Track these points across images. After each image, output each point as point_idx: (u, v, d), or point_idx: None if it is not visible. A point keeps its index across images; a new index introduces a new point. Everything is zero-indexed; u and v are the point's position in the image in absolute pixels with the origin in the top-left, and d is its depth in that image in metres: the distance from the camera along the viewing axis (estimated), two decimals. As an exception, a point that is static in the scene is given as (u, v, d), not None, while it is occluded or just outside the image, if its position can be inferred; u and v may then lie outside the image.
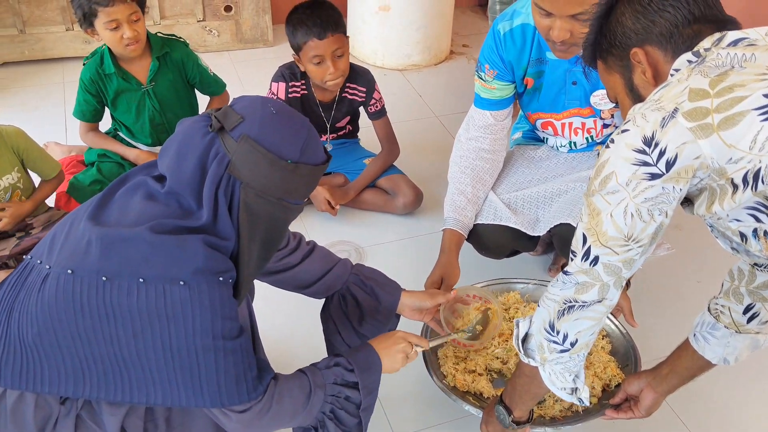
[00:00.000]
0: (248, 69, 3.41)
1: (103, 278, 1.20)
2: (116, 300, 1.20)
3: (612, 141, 1.10)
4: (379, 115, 2.46)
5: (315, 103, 2.41)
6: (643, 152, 1.05)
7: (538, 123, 2.07)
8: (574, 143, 2.06)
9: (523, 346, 1.39)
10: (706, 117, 1.00)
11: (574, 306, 1.23)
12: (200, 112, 2.38)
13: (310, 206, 2.46)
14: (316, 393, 1.38)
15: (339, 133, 2.55)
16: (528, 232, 1.94)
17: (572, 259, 1.21)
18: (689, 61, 1.10)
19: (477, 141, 2.03)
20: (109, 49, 2.32)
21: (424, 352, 1.72)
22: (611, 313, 1.84)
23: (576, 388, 1.36)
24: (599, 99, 1.94)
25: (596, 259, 1.17)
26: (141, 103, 2.40)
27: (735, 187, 1.02)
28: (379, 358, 1.48)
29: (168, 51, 2.41)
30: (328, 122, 2.46)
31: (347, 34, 2.31)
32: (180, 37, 2.48)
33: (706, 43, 1.11)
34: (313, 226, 2.43)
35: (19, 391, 1.28)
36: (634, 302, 1.86)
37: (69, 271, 1.21)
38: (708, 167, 1.03)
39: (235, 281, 1.30)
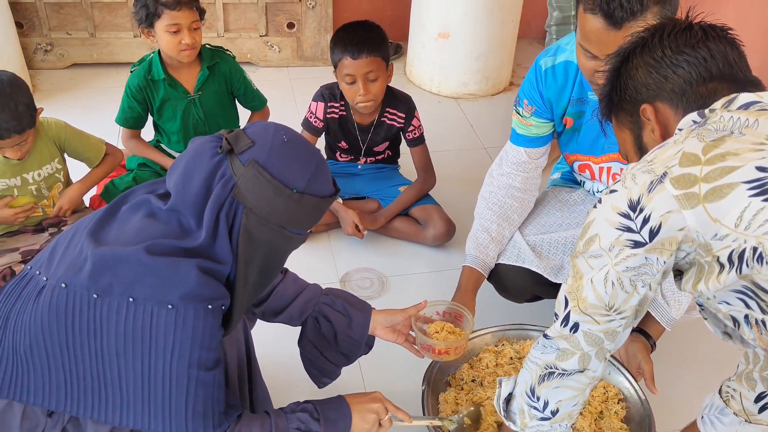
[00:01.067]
0: (305, 86, 3.41)
1: (95, 295, 1.19)
2: (105, 317, 1.19)
3: (600, 201, 1.03)
4: (416, 142, 2.41)
5: (353, 124, 2.39)
6: (628, 217, 0.98)
7: (576, 165, 1.97)
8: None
9: (506, 407, 1.31)
10: (693, 186, 0.92)
11: (554, 373, 1.15)
12: (240, 126, 2.40)
13: (338, 229, 2.43)
14: None
15: (377, 157, 2.51)
16: (550, 278, 1.85)
17: (554, 322, 1.13)
18: (694, 122, 1.02)
19: (509, 177, 1.95)
20: (159, 56, 2.37)
21: (422, 390, 1.66)
22: (632, 376, 1.72)
23: None
24: None
25: (576, 326, 1.09)
26: (186, 111, 2.43)
27: (721, 266, 0.94)
28: (350, 412, 1.41)
29: (217, 62, 2.44)
30: (363, 145, 2.43)
31: (388, 60, 2.27)
32: (228, 50, 2.51)
33: (718, 104, 1.02)
34: (340, 250, 2.39)
35: (7, 399, 1.29)
36: (657, 366, 1.74)
37: (63, 285, 1.21)
38: (693, 241, 0.95)
39: (228, 308, 1.27)
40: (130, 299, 1.17)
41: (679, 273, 1.05)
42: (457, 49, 3.27)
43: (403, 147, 2.54)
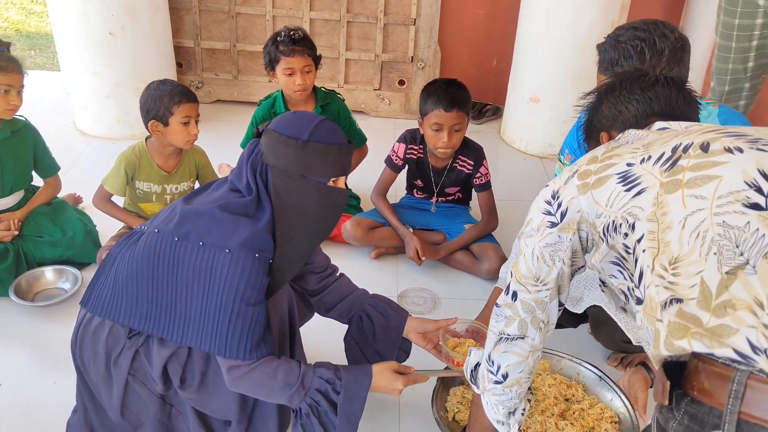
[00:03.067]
0: (407, 136, 3.85)
1: (176, 238, 1.61)
2: (181, 256, 1.60)
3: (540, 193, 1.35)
4: (483, 188, 2.74)
5: (428, 166, 2.76)
6: (550, 203, 1.28)
7: None
8: None
9: (474, 374, 1.56)
10: (588, 177, 1.22)
11: (502, 338, 1.40)
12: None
13: (402, 254, 2.79)
14: (299, 391, 1.64)
15: (448, 198, 2.86)
16: (567, 307, 2.09)
17: (503, 292, 1.41)
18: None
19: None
20: (282, 94, 2.86)
21: (435, 387, 1.93)
22: (630, 403, 1.93)
23: (505, 423, 1.50)
24: None
25: (515, 295, 1.36)
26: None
27: (601, 240, 1.22)
28: (367, 390, 1.69)
29: (329, 102, 2.90)
30: (436, 186, 2.79)
31: (469, 115, 2.61)
32: (339, 93, 2.97)
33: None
34: (402, 271, 2.75)
35: (101, 318, 1.72)
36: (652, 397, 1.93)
37: (156, 231, 1.65)
38: (587, 221, 1.23)
39: (272, 260, 1.61)
40: (201, 243, 1.58)
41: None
42: (546, 112, 3.59)
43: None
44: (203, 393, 1.73)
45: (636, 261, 1.14)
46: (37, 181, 2.78)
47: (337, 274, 2.02)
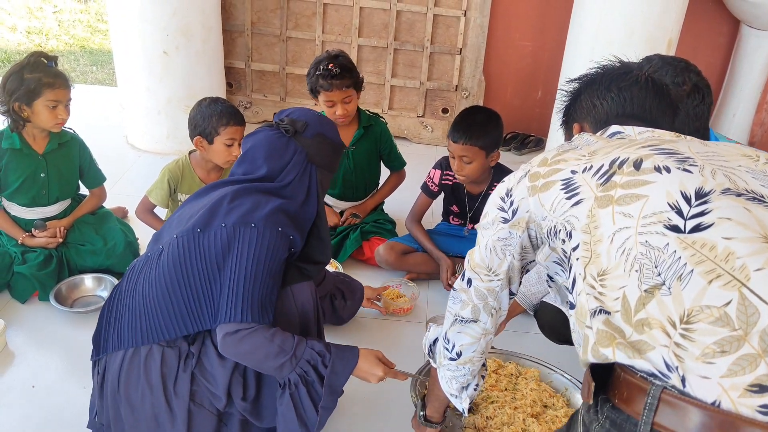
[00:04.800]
0: (449, 163, 3.87)
1: (198, 230, 1.68)
2: (206, 243, 1.67)
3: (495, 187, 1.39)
4: (517, 216, 2.73)
5: (463, 192, 2.76)
6: (503, 200, 1.32)
7: None
8: None
9: (431, 348, 1.65)
10: (537, 180, 1.25)
11: (457, 320, 1.47)
12: (379, 184, 2.90)
13: (433, 280, 2.79)
14: (291, 359, 1.69)
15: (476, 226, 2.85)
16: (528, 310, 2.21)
17: (459, 277, 1.47)
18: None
19: None
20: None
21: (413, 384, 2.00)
22: None
23: (458, 397, 1.59)
24: None
25: (470, 281, 1.42)
26: (341, 161, 2.93)
27: (546, 241, 1.27)
28: (352, 368, 1.77)
29: (372, 124, 2.95)
30: (470, 212, 2.79)
31: (489, 148, 2.56)
32: (382, 117, 3.01)
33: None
34: (432, 298, 2.74)
35: (148, 345, 1.73)
36: None
37: (175, 236, 1.71)
38: (535, 222, 1.27)
39: (300, 244, 1.78)
40: (222, 225, 1.66)
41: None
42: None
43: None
44: (257, 402, 1.80)
45: (570, 268, 1.18)
46: (84, 190, 2.88)
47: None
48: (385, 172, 3.12)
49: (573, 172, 1.21)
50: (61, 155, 2.67)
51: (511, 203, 1.31)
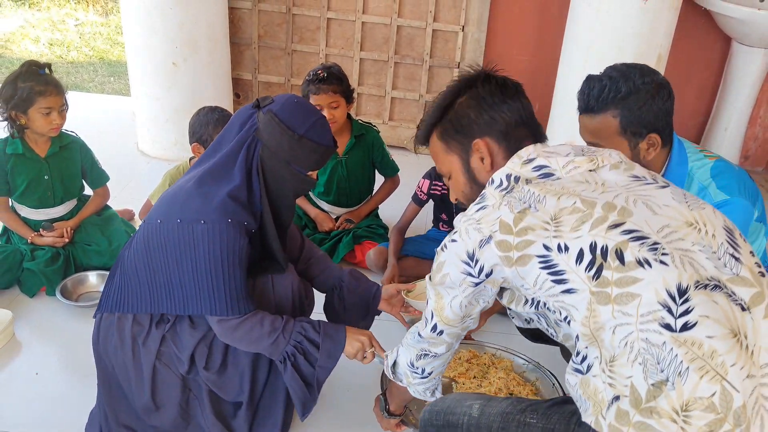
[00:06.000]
0: (446, 173, 3.98)
1: (159, 221, 1.79)
2: (165, 236, 1.77)
3: (445, 246, 1.45)
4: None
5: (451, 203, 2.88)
6: (468, 264, 1.40)
7: None
8: None
9: (392, 370, 1.78)
10: (510, 251, 1.34)
11: (428, 354, 1.60)
12: (373, 191, 3.00)
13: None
14: (282, 335, 1.83)
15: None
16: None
17: (424, 326, 1.57)
18: (502, 182, 1.41)
19: None
20: None
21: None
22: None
23: (432, 397, 1.74)
24: None
25: (442, 332, 1.53)
26: (333, 169, 3.04)
27: (526, 301, 1.40)
28: (345, 335, 1.90)
29: (363, 133, 3.07)
30: (454, 216, 2.89)
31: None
32: (374, 126, 3.14)
33: (524, 153, 1.44)
34: (419, 299, 2.85)
35: (120, 312, 1.91)
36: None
37: (143, 222, 1.85)
38: (510, 284, 1.39)
39: (256, 230, 1.82)
40: (178, 221, 1.75)
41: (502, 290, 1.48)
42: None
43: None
44: (222, 374, 1.92)
45: (577, 349, 1.34)
46: (89, 192, 3.04)
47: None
48: (379, 180, 3.24)
49: (546, 248, 1.30)
50: (63, 158, 2.83)
51: (481, 268, 1.39)
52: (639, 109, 1.85)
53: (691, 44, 3.87)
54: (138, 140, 4.07)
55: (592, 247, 1.28)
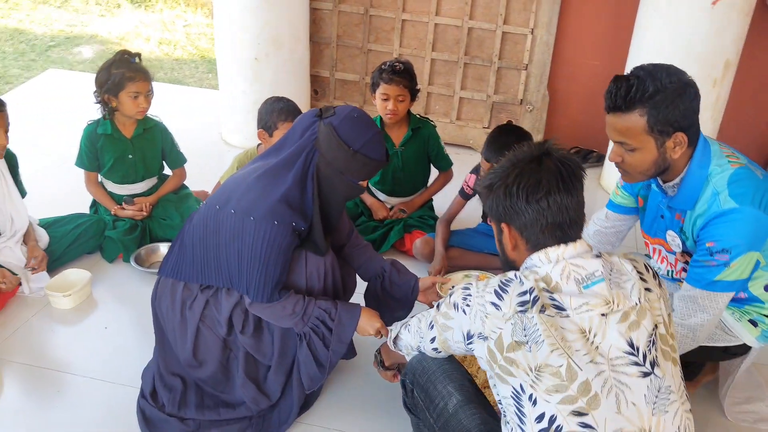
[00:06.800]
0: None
1: (217, 206, 2.01)
2: (221, 221, 1.99)
3: (458, 307, 1.59)
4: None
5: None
6: (464, 338, 1.59)
7: (642, 241, 2.34)
8: (659, 270, 2.27)
9: (394, 342, 1.96)
10: (495, 362, 1.51)
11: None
12: (428, 183, 3.14)
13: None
14: (302, 318, 2.04)
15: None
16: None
17: (428, 340, 1.78)
18: (525, 294, 1.48)
19: (588, 225, 2.44)
20: (380, 117, 3.21)
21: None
22: None
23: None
24: (671, 239, 2.15)
25: (440, 351, 1.77)
26: (391, 160, 3.19)
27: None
28: (357, 321, 2.08)
29: (420, 126, 3.21)
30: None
31: None
32: (431, 120, 3.28)
33: (553, 255, 1.52)
34: (459, 287, 2.96)
35: (173, 279, 2.16)
36: None
37: (204, 203, 2.07)
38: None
39: (304, 226, 1.99)
40: (232, 211, 1.96)
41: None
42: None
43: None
44: (258, 338, 2.14)
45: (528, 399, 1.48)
46: (168, 171, 3.35)
47: (364, 243, 2.39)
48: (434, 174, 3.38)
49: (522, 388, 1.46)
50: (146, 139, 3.14)
51: (471, 349, 1.57)
52: (666, 107, 1.87)
53: (765, 52, 3.77)
54: (222, 130, 4.38)
55: (552, 419, 1.43)
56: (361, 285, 2.45)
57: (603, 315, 1.46)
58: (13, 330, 2.63)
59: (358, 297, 2.43)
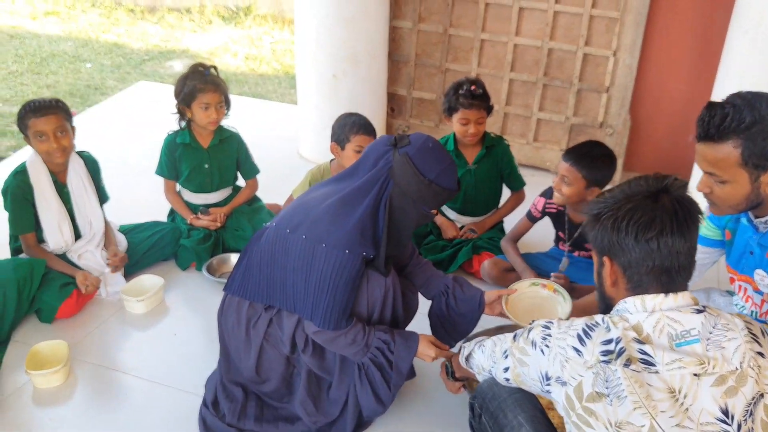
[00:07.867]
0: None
1: (288, 230, 2.03)
2: (289, 245, 2.01)
3: (536, 345, 1.54)
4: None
5: (566, 219, 2.90)
6: (541, 379, 1.53)
7: (727, 276, 2.21)
8: (743, 309, 2.14)
9: (467, 360, 1.89)
10: (572, 410, 1.45)
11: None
12: (499, 204, 3.10)
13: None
14: (363, 348, 2.03)
15: (581, 252, 2.97)
16: None
17: (500, 368, 1.72)
18: (610, 342, 1.41)
19: None
20: (454, 136, 3.18)
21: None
22: None
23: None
24: (760, 278, 2.02)
25: (510, 381, 1.71)
26: (463, 177, 3.16)
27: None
28: (415, 352, 2.06)
29: (494, 144, 3.19)
30: (569, 239, 2.92)
31: (590, 180, 2.68)
32: (506, 139, 3.24)
33: (649, 304, 1.43)
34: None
35: (239, 297, 2.18)
36: None
37: (273, 224, 2.08)
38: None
39: (373, 254, 1.98)
40: (303, 236, 1.96)
41: None
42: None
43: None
44: (319, 357, 2.15)
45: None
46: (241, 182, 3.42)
47: (425, 261, 2.38)
48: (506, 195, 3.33)
49: None
50: (222, 149, 3.23)
51: (548, 391, 1.50)
52: (764, 140, 1.75)
53: None
54: (299, 145, 4.46)
55: None
56: (423, 304, 2.42)
57: (695, 375, 1.36)
58: (88, 332, 2.74)
59: (420, 316, 2.41)
